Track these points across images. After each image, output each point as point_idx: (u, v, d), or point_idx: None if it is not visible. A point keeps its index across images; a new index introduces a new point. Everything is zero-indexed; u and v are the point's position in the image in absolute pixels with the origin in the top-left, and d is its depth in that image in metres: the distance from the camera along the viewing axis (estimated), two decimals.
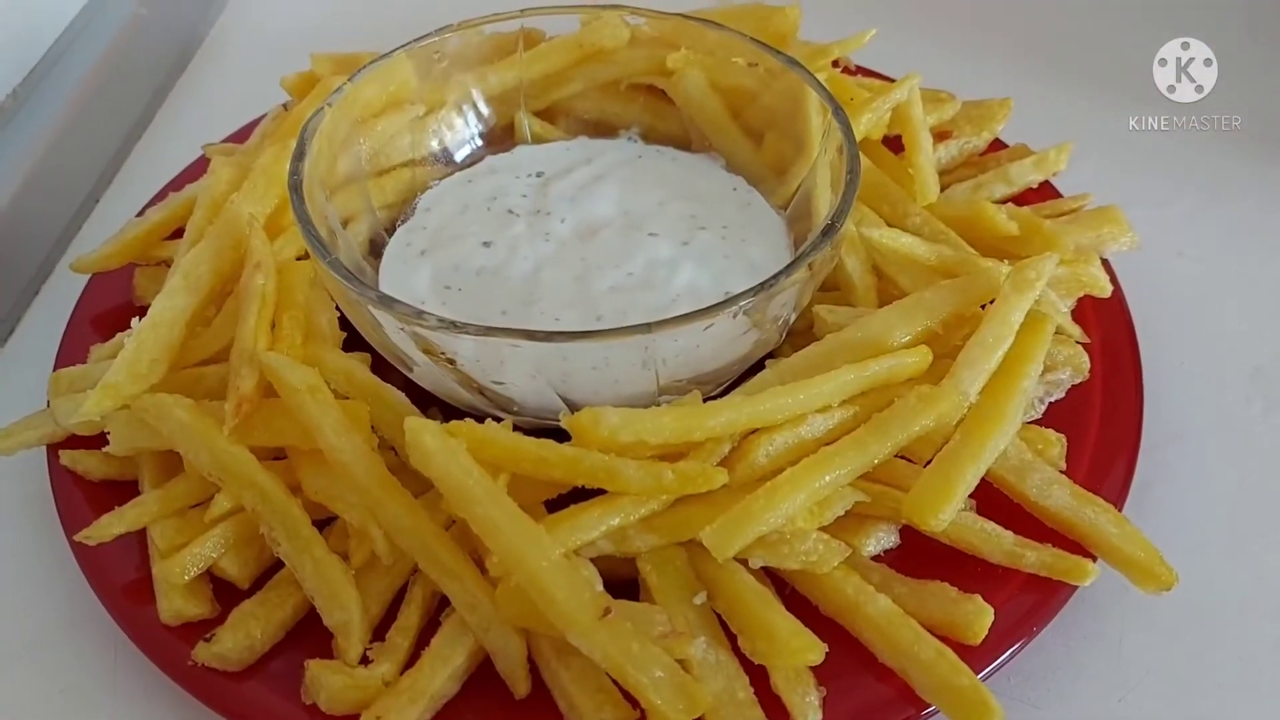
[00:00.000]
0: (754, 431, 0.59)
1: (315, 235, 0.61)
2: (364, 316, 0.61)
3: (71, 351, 0.72)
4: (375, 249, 0.74)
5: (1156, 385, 0.69)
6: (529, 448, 0.56)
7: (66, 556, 0.62)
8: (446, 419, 0.64)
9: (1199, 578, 0.59)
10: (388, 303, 0.58)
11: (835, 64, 0.82)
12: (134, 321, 0.63)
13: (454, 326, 0.56)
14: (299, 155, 0.66)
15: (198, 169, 0.84)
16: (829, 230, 0.61)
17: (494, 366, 0.59)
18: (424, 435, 0.54)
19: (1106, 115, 0.84)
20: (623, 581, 0.58)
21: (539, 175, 0.78)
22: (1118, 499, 0.62)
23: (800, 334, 0.68)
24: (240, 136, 0.86)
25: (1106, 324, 0.71)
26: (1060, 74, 0.79)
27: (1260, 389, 0.72)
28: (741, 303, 0.57)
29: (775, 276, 0.58)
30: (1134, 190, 0.78)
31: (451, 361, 0.60)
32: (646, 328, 0.56)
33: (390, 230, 0.75)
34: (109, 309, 0.76)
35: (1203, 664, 0.59)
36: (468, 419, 0.57)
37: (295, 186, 0.64)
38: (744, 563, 0.56)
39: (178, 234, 0.74)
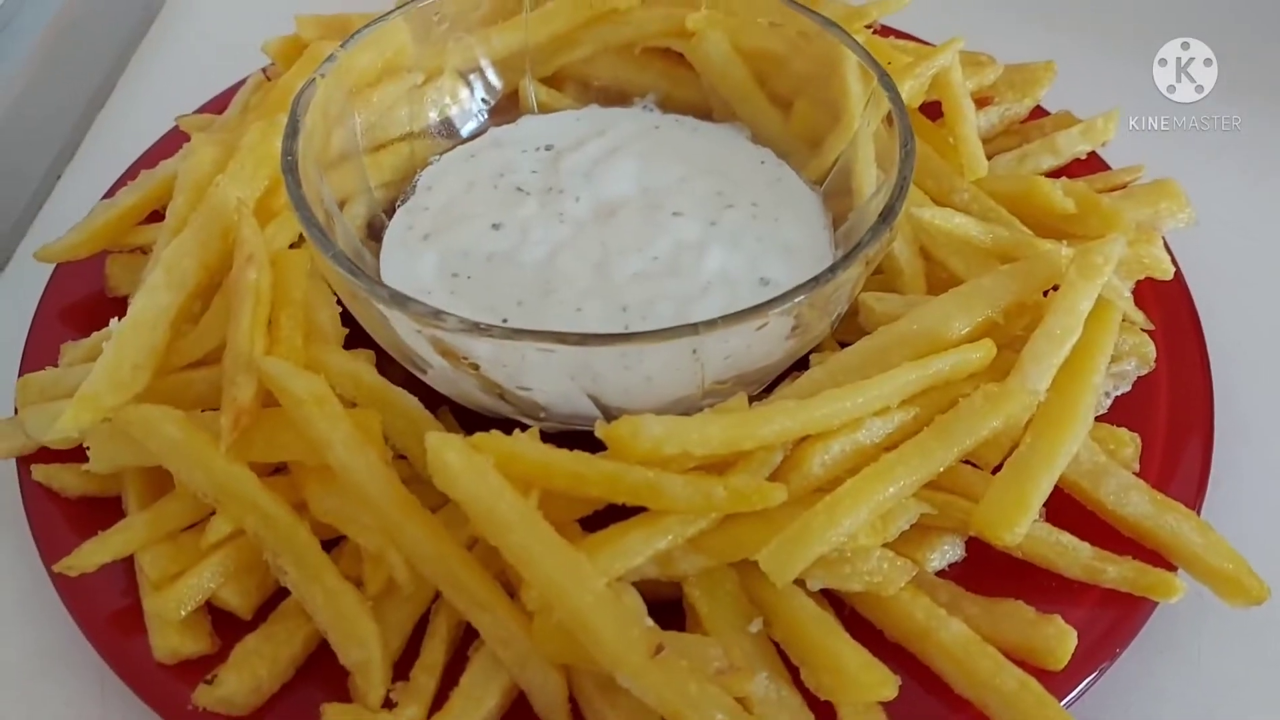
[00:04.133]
0: (806, 438, 0.53)
1: (316, 225, 0.55)
2: (372, 315, 0.55)
3: (39, 349, 0.65)
4: (373, 232, 0.67)
5: (1217, 375, 0.64)
6: (563, 462, 0.50)
7: (44, 579, 0.56)
8: (461, 422, 0.60)
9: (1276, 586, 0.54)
10: (401, 302, 0.51)
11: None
12: (112, 321, 0.57)
13: (477, 329, 0.50)
14: (292, 132, 0.59)
15: (170, 142, 0.77)
16: (887, 215, 0.55)
17: (520, 371, 0.53)
18: (448, 453, 0.48)
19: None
20: (664, 602, 0.53)
21: (548, 148, 0.71)
22: (1193, 502, 0.58)
23: (842, 320, 0.63)
24: (216, 105, 0.79)
25: (1168, 308, 0.66)
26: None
27: None
28: (797, 299, 0.52)
29: (833, 269, 0.53)
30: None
31: (474, 366, 0.54)
32: (693, 329, 0.50)
33: (389, 211, 0.68)
34: (79, 299, 0.69)
35: None
36: (493, 430, 0.51)
37: (290, 168, 0.57)
38: (801, 584, 0.51)
39: (153, 217, 0.68)
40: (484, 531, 0.48)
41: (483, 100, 0.74)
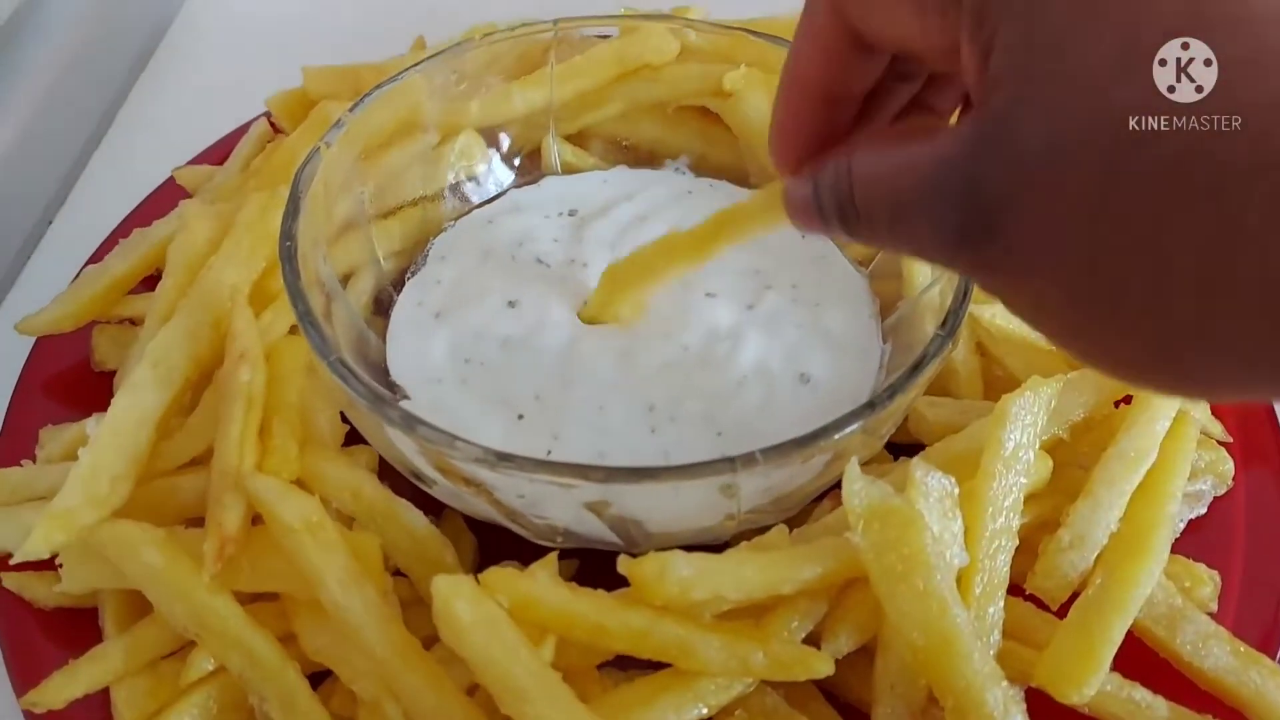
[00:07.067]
0: (855, 580, 0.48)
1: (314, 324, 0.49)
2: (373, 426, 0.50)
3: (18, 427, 0.60)
4: (381, 307, 0.62)
5: None
6: (584, 612, 0.45)
7: (11, 698, 0.51)
8: (469, 525, 0.55)
9: None
10: (410, 425, 0.46)
11: None
12: (90, 423, 0.52)
13: (495, 460, 0.45)
14: (292, 211, 0.54)
15: (166, 194, 0.72)
16: (948, 325, 0.50)
17: (537, 501, 0.48)
18: (458, 603, 0.43)
19: None
20: None
21: (572, 213, 0.66)
22: (1274, 647, 0.52)
23: None
24: (215, 154, 0.74)
25: (1244, 416, 0.60)
26: None
27: None
28: (849, 429, 0.46)
29: (890, 393, 0.47)
30: None
31: (487, 490, 0.48)
32: (730, 466, 0.45)
33: (398, 284, 0.63)
34: (63, 370, 0.64)
35: None
36: (508, 564, 0.46)
37: (288, 256, 0.52)
38: None
39: (147, 281, 0.63)
40: (495, 694, 0.43)
41: (502, 160, 0.68)
